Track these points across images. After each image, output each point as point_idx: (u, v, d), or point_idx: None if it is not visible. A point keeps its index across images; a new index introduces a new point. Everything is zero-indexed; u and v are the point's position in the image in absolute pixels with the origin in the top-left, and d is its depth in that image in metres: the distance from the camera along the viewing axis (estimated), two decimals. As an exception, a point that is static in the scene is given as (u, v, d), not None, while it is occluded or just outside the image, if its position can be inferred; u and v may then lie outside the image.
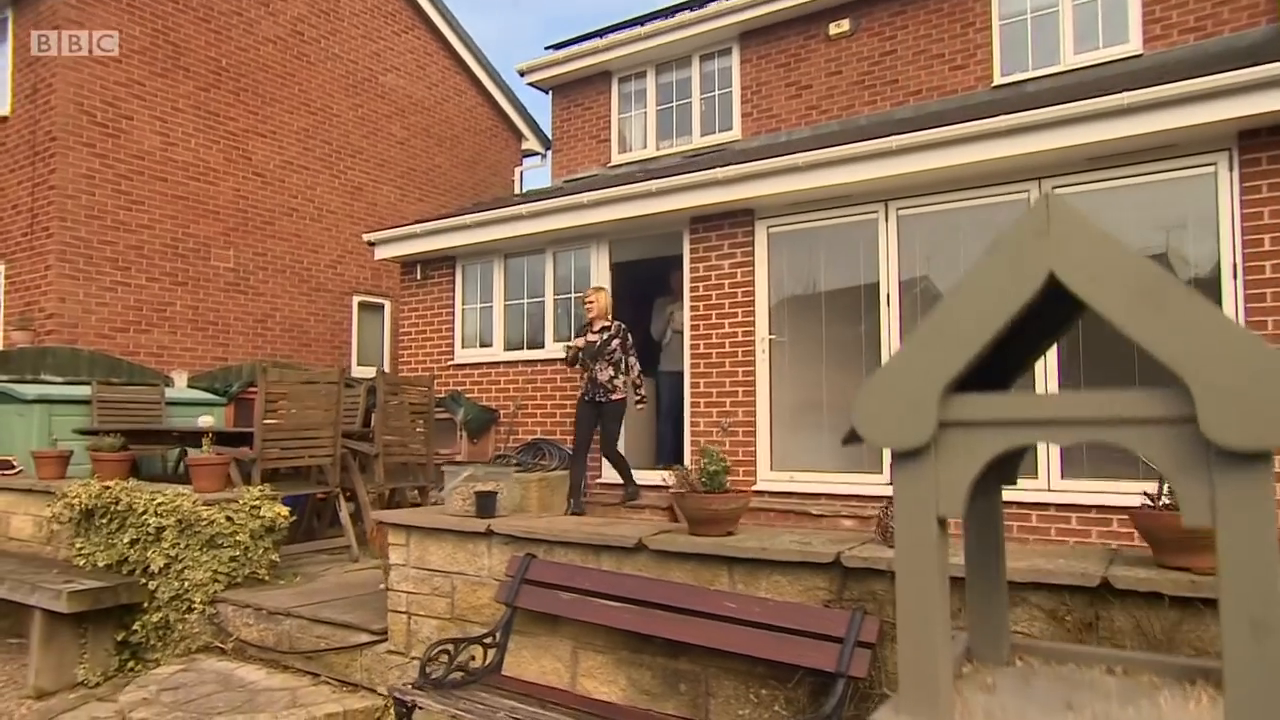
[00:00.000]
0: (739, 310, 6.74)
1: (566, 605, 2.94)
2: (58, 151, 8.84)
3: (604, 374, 6.22)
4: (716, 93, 9.48)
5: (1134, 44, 7.44)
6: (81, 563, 4.67)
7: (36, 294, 8.90)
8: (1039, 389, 5.49)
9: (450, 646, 2.81)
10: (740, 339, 6.70)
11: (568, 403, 7.62)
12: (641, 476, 7.15)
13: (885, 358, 6.01)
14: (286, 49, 10.96)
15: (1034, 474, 5.47)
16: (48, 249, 8.82)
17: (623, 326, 6.38)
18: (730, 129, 9.23)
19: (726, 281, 6.80)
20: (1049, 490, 5.45)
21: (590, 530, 3.15)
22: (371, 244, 8.93)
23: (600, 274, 7.55)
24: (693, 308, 6.95)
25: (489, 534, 3.31)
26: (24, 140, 9.22)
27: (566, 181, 10.07)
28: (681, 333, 7.04)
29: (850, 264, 6.36)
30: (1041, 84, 7.65)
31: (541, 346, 7.95)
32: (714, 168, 6.48)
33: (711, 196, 6.57)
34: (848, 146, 5.90)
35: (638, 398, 6.33)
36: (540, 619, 3.04)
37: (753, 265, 6.68)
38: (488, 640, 2.95)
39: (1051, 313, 1.27)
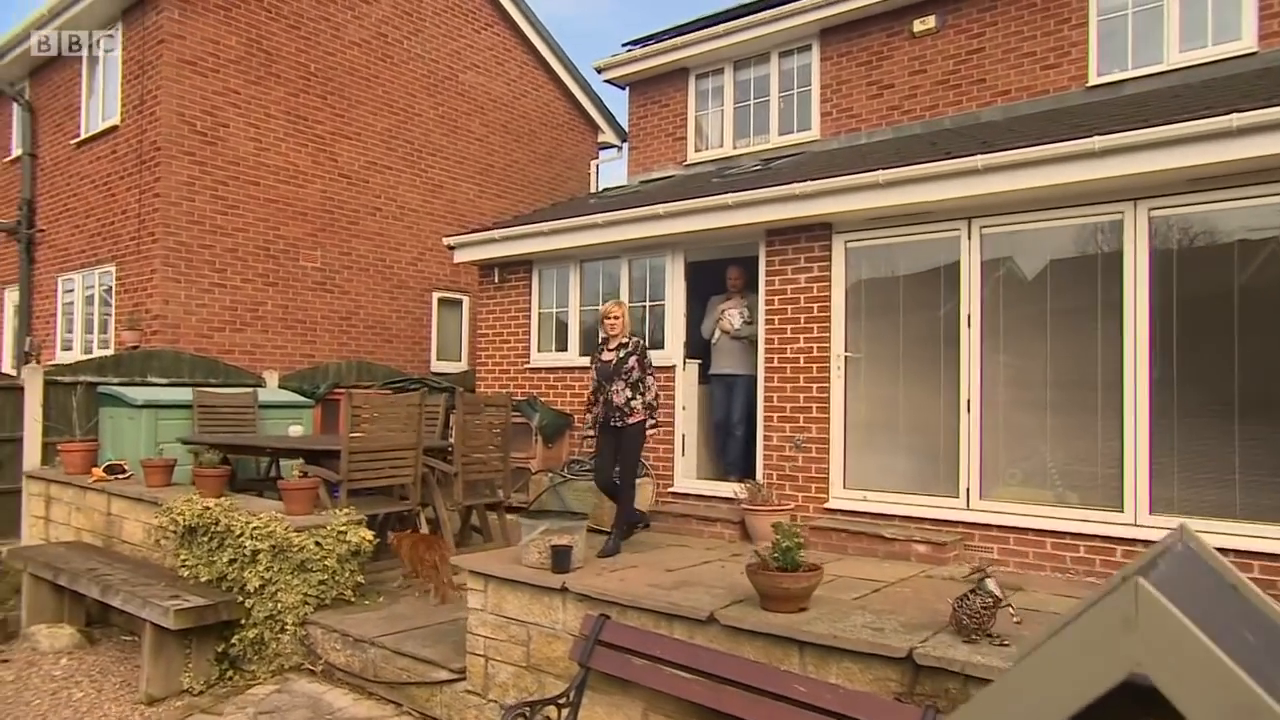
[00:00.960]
0: (814, 325, 6.61)
1: (639, 671, 2.96)
2: (162, 160, 9.22)
3: (620, 396, 5.62)
4: (795, 91, 9.24)
5: (1248, 41, 6.90)
6: (185, 574, 4.94)
7: (143, 295, 9.37)
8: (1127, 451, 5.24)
9: (526, 710, 2.88)
10: (815, 354, 6.58)
11: (641, 410, 7.64)
12: (710, 488, 7.14)
13: (964, 380, 5.83)
14: (371, 51, 11.15)
15: None
16: (153, 253, 9.25)
17: (640, 343, 5.82)
18: (809, 129, 9.00)
19: (802, 296, 6.66)
20: None
21: (662, 596, 3.15)
22: (451, 248, 9.07)
23: (675, 282, 7.51)
24: (768, 321, 6.85)
25: (563, 590, 3.35)
26: (132, 149, 9.66)
27: (643, 182, 10.00)
28: (731, 333, 7.00)
29: (930, 282, 6.15)
30: (1141, 85, 7.20)
31: (615, 353, 7.97)
32: (792, 182, 6.33)
33: (788, 211, 6.43)
34: (932, 164, 5.67)
35: (651, 422, 5.69)
36: (613, 678, 3.08)
37: (829, 280, 6.53)
38: (562, 701, 3.01)
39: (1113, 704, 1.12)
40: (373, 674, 4.15)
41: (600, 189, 12.55)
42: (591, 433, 5.78)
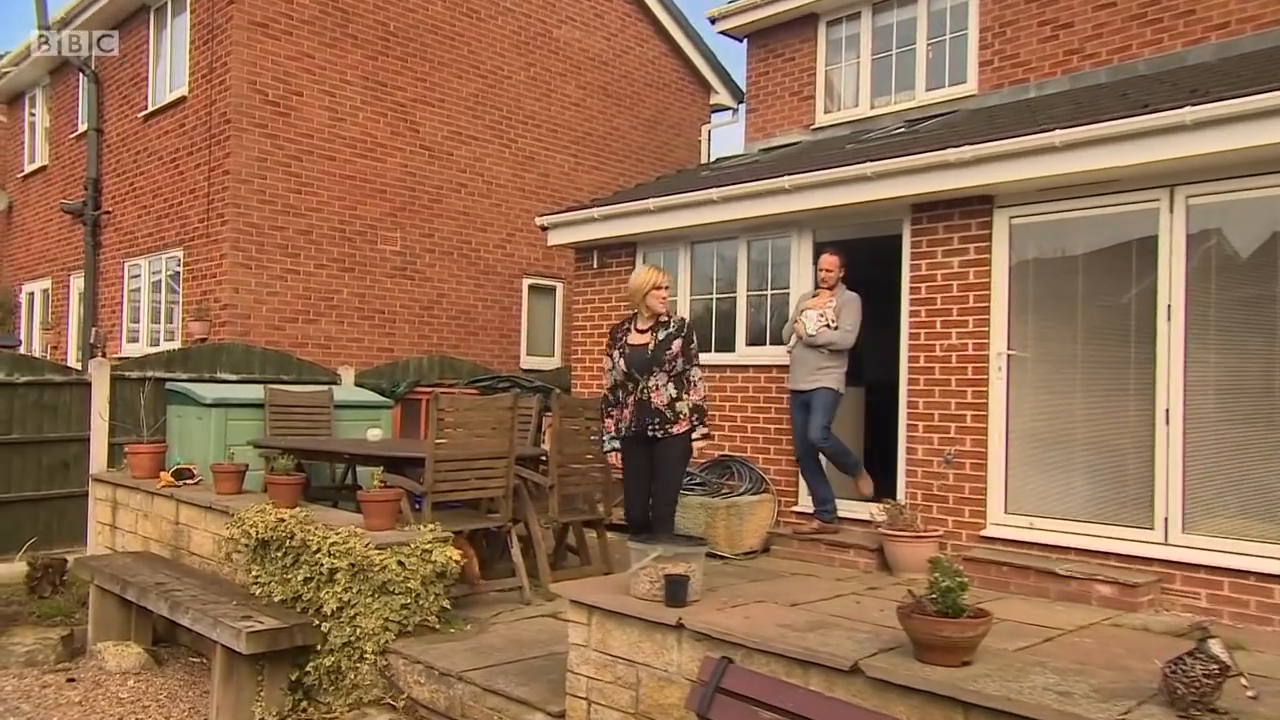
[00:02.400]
0: (969, 318, 6.41)
1: (767, 727, 2.92)
2: (232, 134, 9.73)
3: (660, 394, 4.93)
4: (947, 36, 8.95)
5: None
6: (258, 592, 5.19)
7: (212, 283, 9.92)
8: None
9: (636, 765, 2.87)
10: (970, 353, 6.38)
11: (762, 415, 7.58)
12: (841, 508, 7.02)
13: (1162, 384, 5.51)
14: (455, 6, 11.44)
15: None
16: (222, 236, 9.78)
17: (685, 321, 5.16)
18: (964, 81, 8.70)
19: (955, 283, 6.48)
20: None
21: (795, 639, 3.09)
22: (544, 228, 9.22)
23: (801, 266, 7.42)
24: (912, 314, 6.69)
25: (679, 627, 3.33)
26: (200, 122, 10.23)
27: (763, 150, 9.91)
28: (805, 339, 6.68)
29: (1118, 265, 5.85)
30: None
31: (731, 348, 7.93)
32: (945, 147, 6.15)
33: (940, 182, 6.24)
34: (1124, 120, 5.37)
35: (701, 431, 5.05)
36: (736, 730, 3.04)
37: (989, 264, 6.32)
38: (677, 756, 2.99)
39: None
40: (460, 713, 4.24)
41: (713, 159, 12.51)
42: (614, 445, 5.04)
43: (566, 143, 12.65)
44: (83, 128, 12.88)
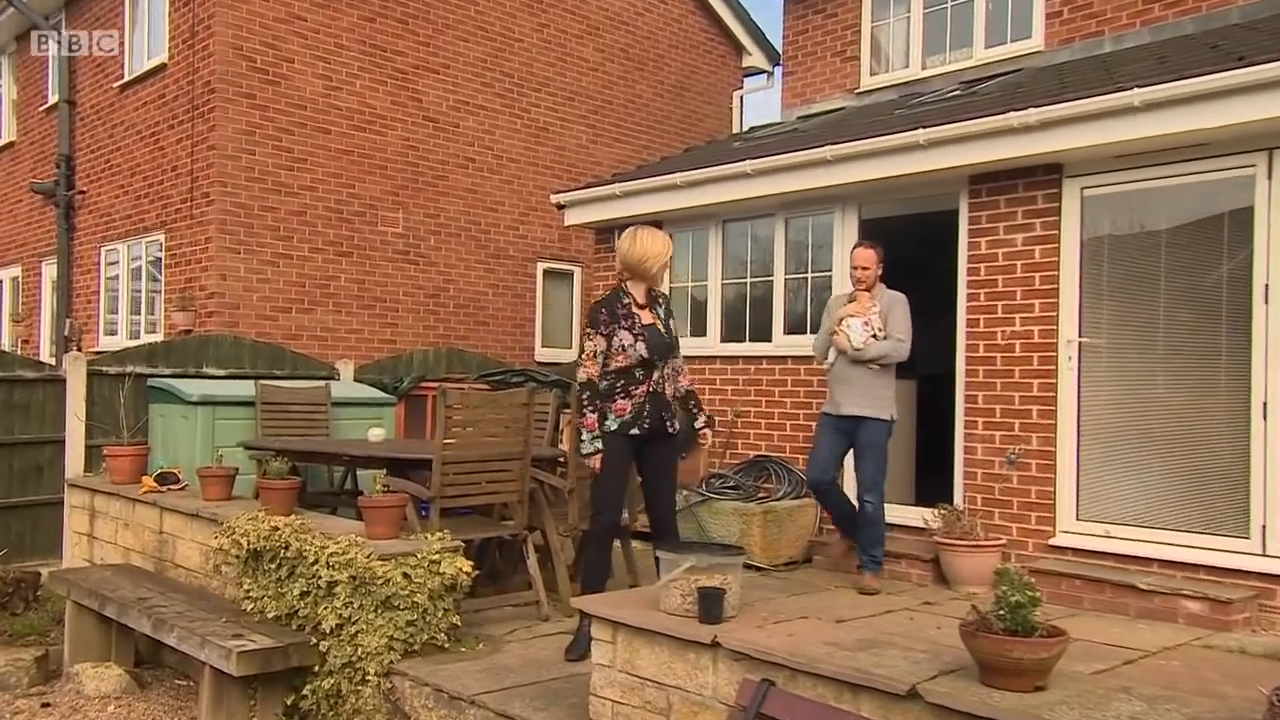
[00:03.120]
0: (1035, 302, 6.37)
1: (815, 757, 2.90)
2: (217, 105, 9.80)
3: (669, 383, 4.91)
4: (1011, -15, 8.84)
5: None
6: (250, 608, 5.22)
7: (197, 269, 9.99)
8: None
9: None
10: (1036, 341, 6.34)
11: (802, 411, 7.55)
12: (892, 513, 6.98)
13: (1260, 375, 5.42)
14: (460, -39, 11.45)
15: None
16: (208, 218, 9.85)
17: (666, 298, 5.10)
18: (1028, 36, 8.59)
19: (1019, 263, 6.43)
20: None
21: (844, 659, 3.06)
22: (560, 207, 9.23)
23: (846, 245, 7.36)
24: (970, 298, 6.64)
25: (714, 646, 3.32)
26: (182, 92, 10.31)
27: (802, 118, 9.87)
28: (850, 352, 6.09)
29: (1206, 240, 5.78)
30: None
31: (767, 338, 7.91)
32: (1007, 110, 6.09)
33: (1002, 150, 6.19)
34: (1216, 76, 5.28)
35: (702, 420, 5.12)
36: (778, 761, 3.03)
37: (1057, 241, 6.27)
38: (713, 791, 2.97)
39: None
40: (472, 740, 4.25)
41: (746, 128, 12.45)
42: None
43: (584, 112, 12.64)
44: (53, 99, 13.01)
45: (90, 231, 12.29)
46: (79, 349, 11.19)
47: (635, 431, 4.80)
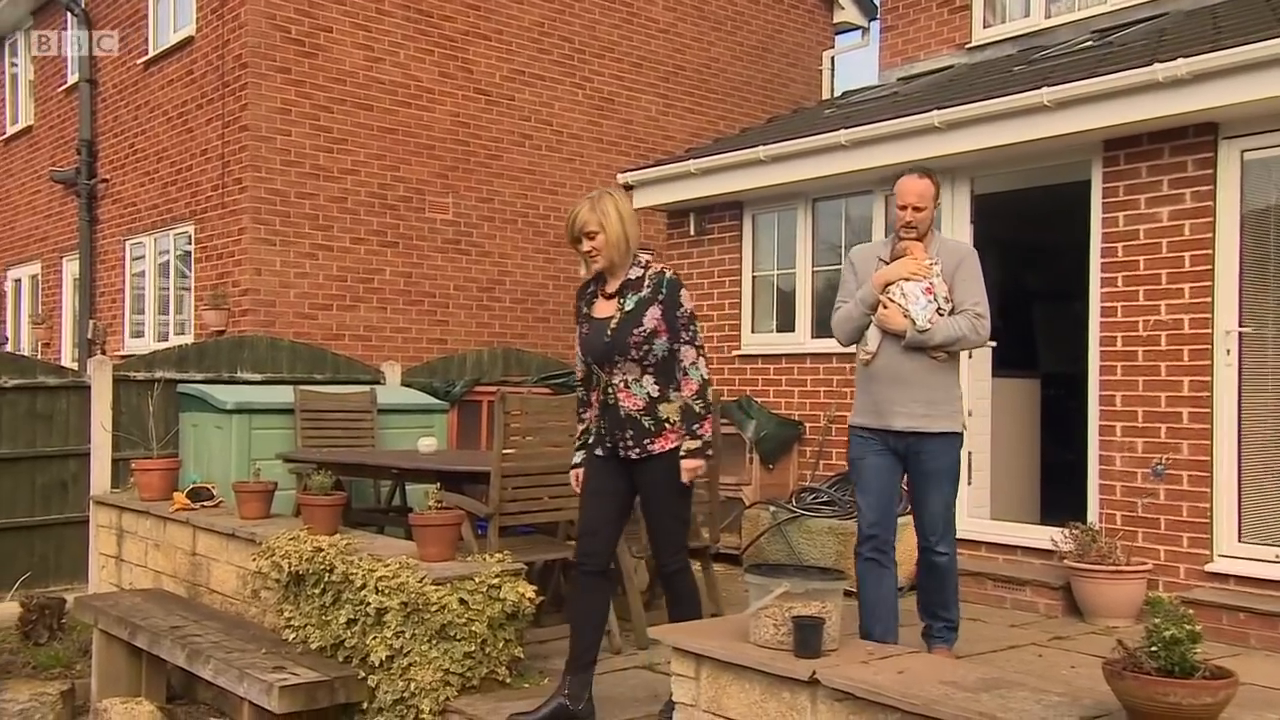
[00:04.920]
0: (1185, 286, 6.23)
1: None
2: (249, 81, 10.02)
3: (633, 394, 4.27)
4: (1151, -84, 8.63)
5: None
6: (291, 637, 5.32)
7: (229, 263, 10.23)
8: None
9: None
10: (1187, 331, 6.21)
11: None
12: (1014, 534, 6.88)
13: None
14: (514, -86, 11.55)
15: None
16: (240, 206, 10.08)
17: (668, 276, 4.36)
18: (1172, -23, 8.37)
19: (1165, 241, 6.30)
20: None
21: (966, 701, 3.00)
22: (628, 187, 9.25)
23: (955, 223, 7.28)
24: (1105, 281, 6.52)
25: (813, 683, 3.29)
26: (212, 68, 10.56)
27: (903, 79, 9.76)
28: (912, 340, 4.70)
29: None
30: None
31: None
32: (1152, 62, 5.96)
33: (1144, 109, 6.08)
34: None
35: (688, 446, 4.27)
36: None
37: (1212, 214, 6.13)
38: None
39: None
40: (539, 788, 4.27)
41: (838, 93, 12.34)
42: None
43: (653, 80, 12.64)
44: (73, 79, 13.43)
45: (114, 224, 12.66)
46: (103, 352, 11.53)
47: (600, 452, 4.41)
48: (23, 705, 5.77)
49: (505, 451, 5.51)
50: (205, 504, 6.88)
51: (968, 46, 9.61)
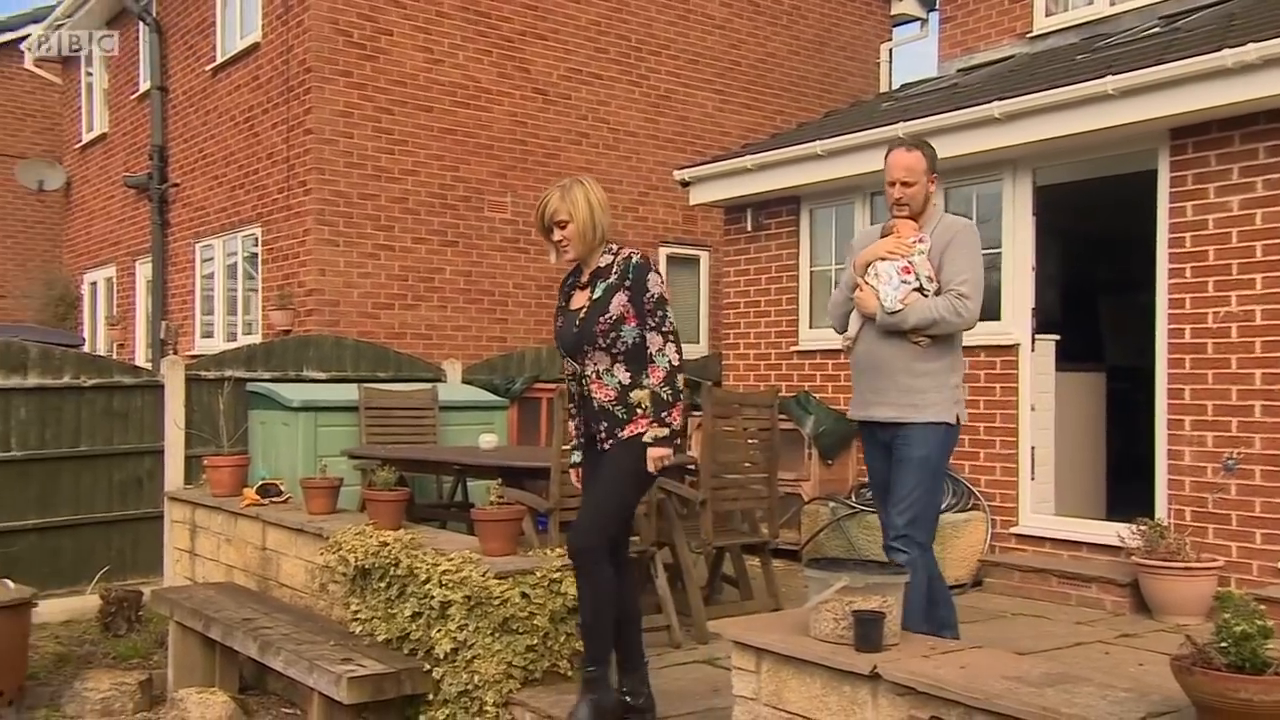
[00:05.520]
0: (1257, 276, 6.13)
1: (997, 809, 2.83)
2: (313, 85, 10.17)
3: (604, 386, 4.16)
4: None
5: None
6: (358, 630, 5.40)
7: (295, 264, 10.40)
8: None
9: None
10: (1259, 324, 6.11)
11: (969, 409, 7.37)
12: (1079, 530, 6.78)
13: None
14: (569, -86, 11.59)
15: None
16: (305, 208, 10.24)
17: (636, 260, 4.17)
18: (1240, -40, 8.19)
19: (1235, 230, 6.19)
20: None
21: (1030, 696, 2.97)
22: (684, 184, 9.26)
23: (1016, 216, 7.22)
24: (1173, 273, 6.40)
25: (874, 678, 3.27)
26: (277, 73, 10.74)
27: (962, 70, 9.67)
28: (884, 321, 4.40)
29: None
30: None
31: (926, 327, 7.77)
32: (1221, 47, 5.84)
33: (1214, 95, 5.96)
34: None
35: (653, 434, 4.08)
36: (953, 813, 2.97)
37: (1286, 203, 5.99)
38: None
39: None
40: (601, 780, 4.29)
41: (896, 86, 12.23)
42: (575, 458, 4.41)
43: (709, 76, 12.62)
44: (145, 86, 13.73)
45: (184, 227, 12.92)
46: (175, 352, 11.78)
47: (583, 440, 4.40)
48: (104, 694, 5.92)
49: (565, 447, 5.54)
50: (274, 500, 7.00)
51: (1029, 36, 9.49)
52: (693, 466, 6.44)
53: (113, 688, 5.98)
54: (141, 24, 13.44)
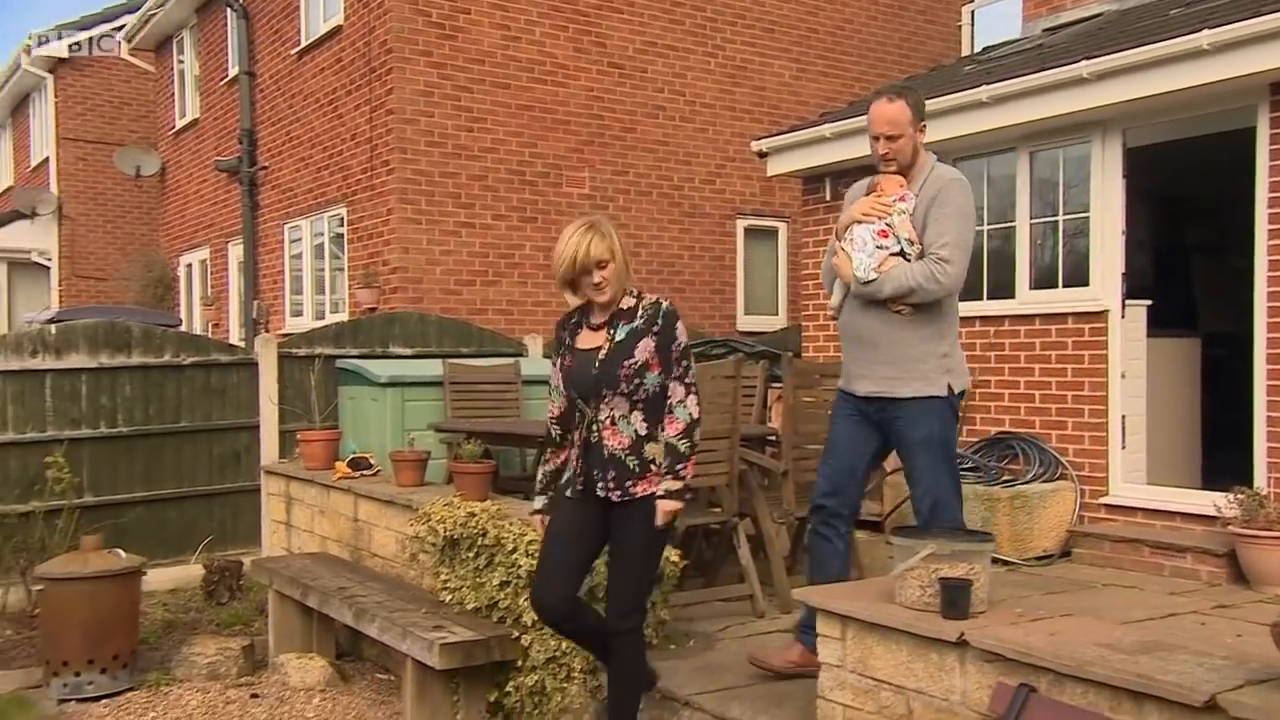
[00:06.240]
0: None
1: (1088, 777, 2.80)
2: (394, 66, 10.29)
3: (618, 433, 3.96)
4: None
5: None
6: (448, 598, 5.51)
7: (379, 244, 10.56)
8: None
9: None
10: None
11: (1054, 379, 7.25)
12: (1172, 499, 6.61)
13: None
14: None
15: None
16: (388, 188, 10.38)
17: (665, 307, 4.00)
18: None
19: (1338, 190, 5.94)
20: None
21: (1122, 663, 2.92)
22: (762, 154, 9.18)
23: (1106, 179, 7.00)
24: (1273, 234, 6.19)
25: (961, 644, 3.25)
26: (359, 55, 10.88)
27: (1047, 30, 9.40)
28: (858, 290, 4.22)
29: None
30: None
31: (1010, 294, 7.62)
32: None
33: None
34: None
35: (664, 487, 3.93)
36: (1043, 780, 2.94)
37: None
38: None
39: None
40: (687, 745, 4.33)
41: (978, 49, 11.95)
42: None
43: (786, 44, 12.48)
44: (233, 72, 14.02)
45: (274, 208, 13.19)
46: (267, 331, 12.06)
47: (569, 494, 4.07)
48: (210, 659, 6.15)
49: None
50: (364, 472, 7.16)
51: (1119, -9, 9.18)
52: (774, 437, 6.43)
53: (218, 652, 6.19)
54: (229, 10, 13.70)
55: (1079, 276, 7.10)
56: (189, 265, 16.74)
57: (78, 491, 7.45)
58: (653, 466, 3.95)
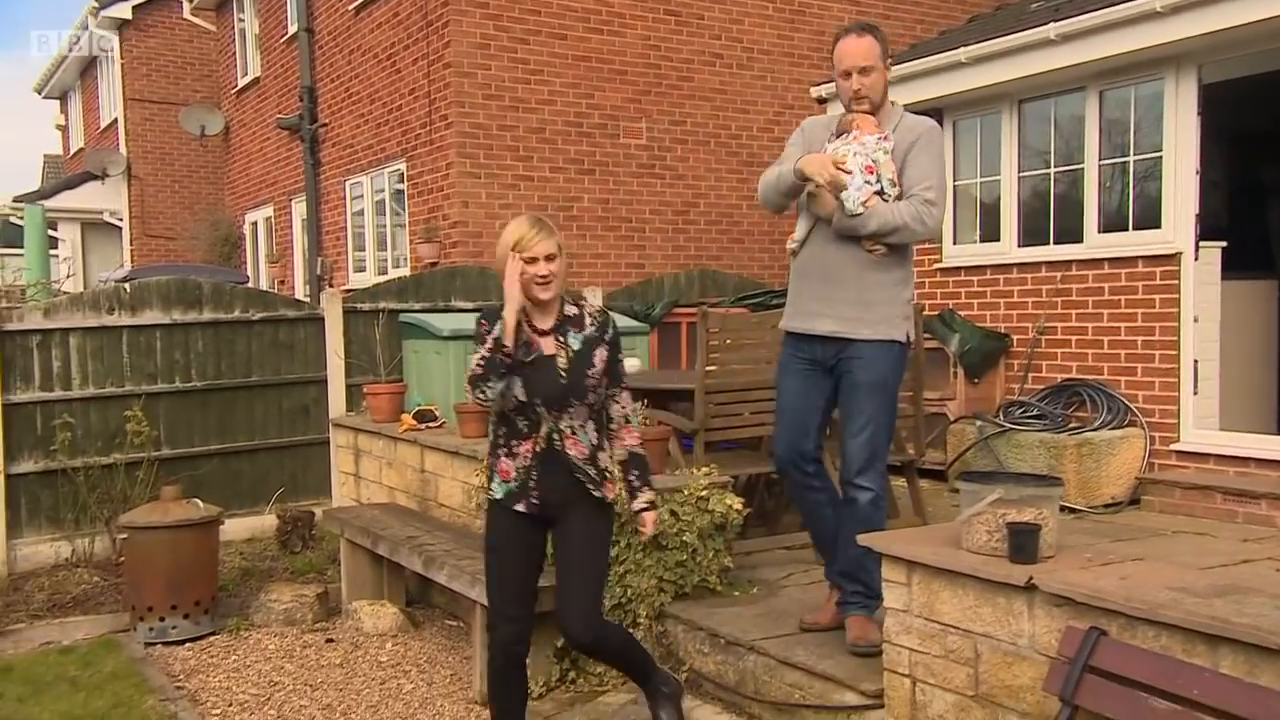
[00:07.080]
0: None
1: (1161, 718, 2.77)
2: (450, 18, 10.26)
3: (579, 442, 3.87)
4: None
5: None
6: (514, 547, 5.61)
7: (439, 197, 10.60)
8: None
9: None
10: None
11: (1124, 324, 7.14)
12: (1244, 445, 6.49)
13: None
14: None
15: None
16: (447, 142, 10.40)
17: (613, 318, 4.05)
18: None
19: None
20: None
21: (1196, 606, 2.88)
22: (821, 100, 9.05)
23: (1179, 117, 6.83)
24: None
25: (1029, 589, 3.23)
26: (416, 8, 10.87)
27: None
28: (840, 224, 4.06)
29: None
30: None
31: (1078, 238, 7.49)
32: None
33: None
34: None
35: (645, 499, 4.07)
36: (1114, 722, 2.92)
37: None
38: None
39: None
40: (752, 689, 4.37)
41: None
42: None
43: (845, -15, 12.26)
44: (293, 29, 14.09)
45: (334, 165, 13.30)
46: (331, 286, 12.21)
47: (521, 508, 3.88)
48: (286, 605, 6.33)
49: (708, 369, 5.57)
50: (429, 425, 7.26)
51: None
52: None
53: (293, 599, 6.36)
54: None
55: (1150, 219, 6.95)
56: (254, 223, 16.97)
57: (155, 445, 7.64)
58: (607, 475, 3.96)
